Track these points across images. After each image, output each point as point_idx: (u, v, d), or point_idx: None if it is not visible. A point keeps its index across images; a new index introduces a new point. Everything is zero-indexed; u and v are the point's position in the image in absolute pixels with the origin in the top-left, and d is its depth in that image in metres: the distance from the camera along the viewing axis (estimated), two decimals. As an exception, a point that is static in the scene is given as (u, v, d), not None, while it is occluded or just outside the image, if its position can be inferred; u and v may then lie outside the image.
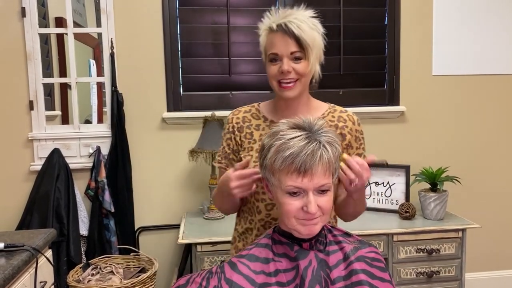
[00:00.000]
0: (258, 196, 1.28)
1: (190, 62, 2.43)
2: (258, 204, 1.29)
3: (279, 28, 1.22)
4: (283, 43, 1.22)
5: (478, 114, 2.66)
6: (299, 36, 1.20)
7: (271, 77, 1.27)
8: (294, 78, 1.23)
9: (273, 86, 1.28)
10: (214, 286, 1.03)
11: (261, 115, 1.35)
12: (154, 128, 2.42)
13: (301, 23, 1.22)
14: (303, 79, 1.25)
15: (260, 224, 1.30)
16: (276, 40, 1.23)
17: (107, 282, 1.98)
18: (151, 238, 2.46)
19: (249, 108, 1.38)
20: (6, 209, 2.30)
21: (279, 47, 1.22)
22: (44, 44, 2.35)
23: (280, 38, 1.22)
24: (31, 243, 1.53)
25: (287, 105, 1.31)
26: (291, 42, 1.21)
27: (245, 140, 1.33)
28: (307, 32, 1.22)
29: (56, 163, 2.25)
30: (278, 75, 1.24)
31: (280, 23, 1.22)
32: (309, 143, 0.99)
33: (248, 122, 1.35)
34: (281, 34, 1.22)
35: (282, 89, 1.25)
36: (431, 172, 2.27)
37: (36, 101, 2.30)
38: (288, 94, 1.25)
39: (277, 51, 1.23)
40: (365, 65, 2.58)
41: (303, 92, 1.30)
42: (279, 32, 1.22)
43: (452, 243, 2.16)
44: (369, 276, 1.06)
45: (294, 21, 1.21)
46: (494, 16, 2.60)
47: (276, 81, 1.26)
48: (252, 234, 1.32)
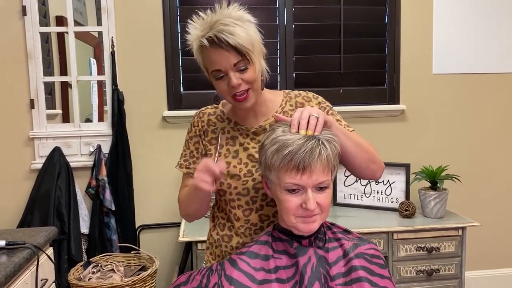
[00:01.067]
0: (234, 203, 1.23)
1: (191, 60, 2.40)
2: (235, 211, 1.24)
3: (212, 43, 1.09)
4: (222, 58, 1.10)
5: (478, 113, 2.66)
6: (236, 45, 1.09)
7: (223, 94, 1.17)
8: (246, 88, 1.14)
9: (229, 101, 1.20)
10: (214, 283, 1.03)
11: (225, 117, 1.28)
12: (155, 127, 2.42)
13: (233, 28, 1.09)
14: (255, 84, 1.16)
15: (240, 231, 1.23)
16: (213, 56, 1.11)
17: (107, 280, 1.99)
18: (151, 236, 2.46)
19: (213, 110, 1.31)
20: (7, 207, 2.31)
21: (220, 62, 1.11)
22: (44, 43, 2.36)
23: (218, 53, 1.10)
24: (32, 241, 1.53)
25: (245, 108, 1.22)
26: (230, 54, 1.10)
27: (211, 147, 1.27)
28: (241, 36, 1.09)
29: (57, 162, 2.26)
30: (230, 90, 1.14)
31: (210, 36, 1.09)
32: (308, 141, 1.00)
33: (213, 126, 1.28)
34: (216, 49, 1.10)
35: (238, 103, 1.16)
36: (431, 171, 2.28)
37: (37, 100, 2.30)
38: (246, 105, 1.17)
39: (219, 67, 1.12)
40: (365, 64, 2.58)
41: (258, 96, 1.20)
42: (212, 48, 1.10)
43: (452, 241, 2.16)
44: (369, 273, 1.06)
45: (224, 29, 1.08)
46: (495, 15, 2.60)
47: (230, 96, 1.16)
48: (230, 241, 1.25)
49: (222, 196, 1.26)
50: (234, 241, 1.25)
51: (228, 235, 1.26)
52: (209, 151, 1.27)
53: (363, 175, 1.21)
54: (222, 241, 1.27)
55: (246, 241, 1.23)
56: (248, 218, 1.23)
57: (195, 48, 1.16)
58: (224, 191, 1.24)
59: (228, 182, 1.22)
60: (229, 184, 1.22)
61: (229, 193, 1.23)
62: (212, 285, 1.03)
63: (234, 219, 1.25)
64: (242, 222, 1.23)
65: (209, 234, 1.36)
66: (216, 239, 1.30)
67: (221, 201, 1.29)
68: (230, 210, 1.25)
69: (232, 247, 1.25)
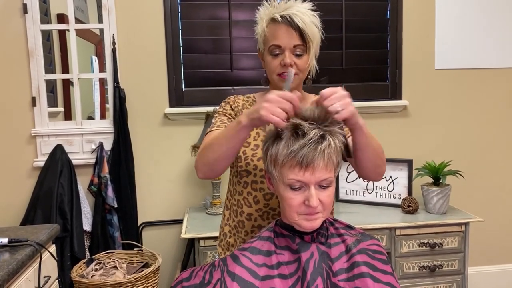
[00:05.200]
0: (256, 185, 1.28)
1: (192, 57, 2.43)
2: (255, 193, 1.28)
3: (284, 20, 1.20)
4: (287, 35, 1.20)
5: (481, 108, 2.65)
6: (303, 29, 1.20)
7: (271, 71, 1.26)
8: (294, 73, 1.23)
9: (272, 79, 1.27)
10: (217, 279, 1.03)
11: None
12: (156, 124, 2.42)
13: (304, 16, 1.21)
14: (301, 74, 1.25)
15: (258, 214, 1.29)
16: (279, 32, 1.21)
17: (110, 277, 1.99)
18: (154, 233, 2.47)
19: (247, 98, 1.38)
20: (10, 205, 2.31)
21: (283, 39, 1.21)
22: (46, 41, 2.36)
23: (284, 30, 1.20)
24: (35, 238, 1.54)
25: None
26: (295, 35, 1.20)
27: None
28: (309, 26, 1.21)
29: (59, 159, 2.26)
30: (280, 68, 1.23)
31: (284, 14, 1.20)
32: (312, 138, 0.99)
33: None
34: (285, 26, 1.20)
35: (282, 79, 1.24)
36: (434, 166, 2.27)
37: (38, 98, 2.30)
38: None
39: (280, 43, 1.21)
40: (368, 59, 2.57)
41: (298, 86, 1.31)
42: (283, 24, 1.20)
43: (455, 237, 2.15)
44: (371, 269, 1.06)
45: (298, 14, 1.20)
46: (498, 9, 2.58)
47: (276, 74, 1.25)
48: (244, 227, 1.31)
49: (245, 177, 1.29)
50: (248, 226, 1.30)
51: (241, 221, 1.31)
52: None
53: (367, 177, 1.22)
54: (236, 228, 1.32)
55: (263, 224, 1.27)
56: (269, 202, 1.28)
57: (264, 22, 1.25)
58: (250, 172, 1.28)
59: (254, 163, 1.27)
60: (255, 165, 1.27)
61: (253, 174, 1.27)
62: (214, 281, 1.03)
63: (253, 202, 1.28)
64: (261, 205, 1.28)
65: (222, 226, 1.40)
66: (233, 226, 1.34)
67: (240, 183, 1.30)
68: (251, 193, 1.29)
69: (247, 232, 1.30)
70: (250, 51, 2.45)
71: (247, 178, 1.29)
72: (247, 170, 1.28)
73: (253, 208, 1.29)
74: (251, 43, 2.44)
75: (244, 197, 1.31)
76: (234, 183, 1.34)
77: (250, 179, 1.28)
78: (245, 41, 2.45)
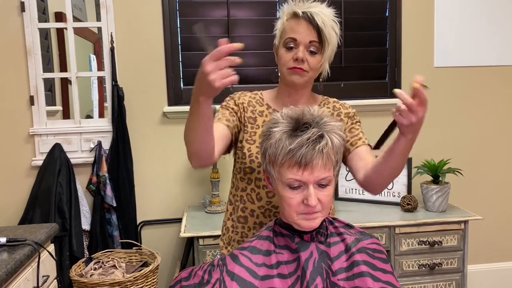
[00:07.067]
0: (260, 182, 1.29)
1: (191, 56, 2.42)
2: (258, 190, 1.29)
3: (304, 16, 1.23)
4: (304, 30, 1.23)
5: (480, 106, 2.65)
6: (322, 29, 1.22)
7: (282, 64, 1.27)
8: (306, 68, 1.25)
9: (282, 72, 1.28)
10: (216, 278, 1.03)
11: (265, 103, 1.36)
12: (155, 123, 2.42)
13: (325, 18, 1.24)
14: (312, 72, 1.27)
15: (260, 211, 1.30)
16: (298, 27, 1.23)
17: (109, 276, 1.99)
18: (153, 232, 2.46)
19: (254, 95, 1.39)
20: (8, 204, 2.31)
21: (300, 33, 1.23)
22: (44, 39, 2.35)
23: (303, 26, 1.23)
24: (33, 237, 1.53)
25: (290, 93, 1.32)
26: (313, 32, 1.23)
27: (248, 124, 1.32)
28: (328, 28, 1.24)
29: (57, 158, 2.25)
30: (291, 62, 1.24)
31: (306, 11, 1.23)
32: (310, 137, 0.99)
33: (253, 107, 1.35)
34: (304, 22, 1.23)
35: (292, 72, 1.25)
36: (433, 164, 2.27)
37: (36, 96, 2.29)
38: (298, 77, 1.25)
39: (296, 36, 1.23)
40: (367, 58, 2.57)
41: (308, 85, 1.32)
42: (303, 19, 1.23)
43: (454, 235, 2.15)
44: (371, 268, 1.06)
45: (320, 14, 1.23)
46: (497, 7, 2.58)
47: (287, 67, 1.26)
48: (247, 223, 1.32)
49: (249, 174, 1.30)
50: (251, 222, 1.31)
51: (243, 216, 1.32)
52: (245, 127, 1.32)
53: (372, 185, 1.22)
54: (239, 223, 1.33)
55: (264, 221, 1.29)
56: (271, 200, 1.29)
57: (285, 16, 1.28)
58: (254, 169, 1.29)
59: (259, 161, 1.28)
60: (260, 163, 1.28)
61: (257, 171, 1.28)
62: (213, 281, 1.02)
63: (256, 199, 1.30)
64: (263, 202, 1.29)
65: (224, 220, 1.41)
66: (236, 221, 1.35)
67: (244, 179, 1.32)
68: (254, 189, 1.30)
69: (250, 228, 1.31)
70: (249, 49, 2.44)
71: (251, 175, 1.30)
72: (251, 167, 1.29)
73: (255, 205, 1.30)
74: (250, 41, 2.43)
75: (248, 193, 1.32)
76: (238, 178, 1.35)
77: (254, 176, 1.29)
78: (244, 39, 2.44)
